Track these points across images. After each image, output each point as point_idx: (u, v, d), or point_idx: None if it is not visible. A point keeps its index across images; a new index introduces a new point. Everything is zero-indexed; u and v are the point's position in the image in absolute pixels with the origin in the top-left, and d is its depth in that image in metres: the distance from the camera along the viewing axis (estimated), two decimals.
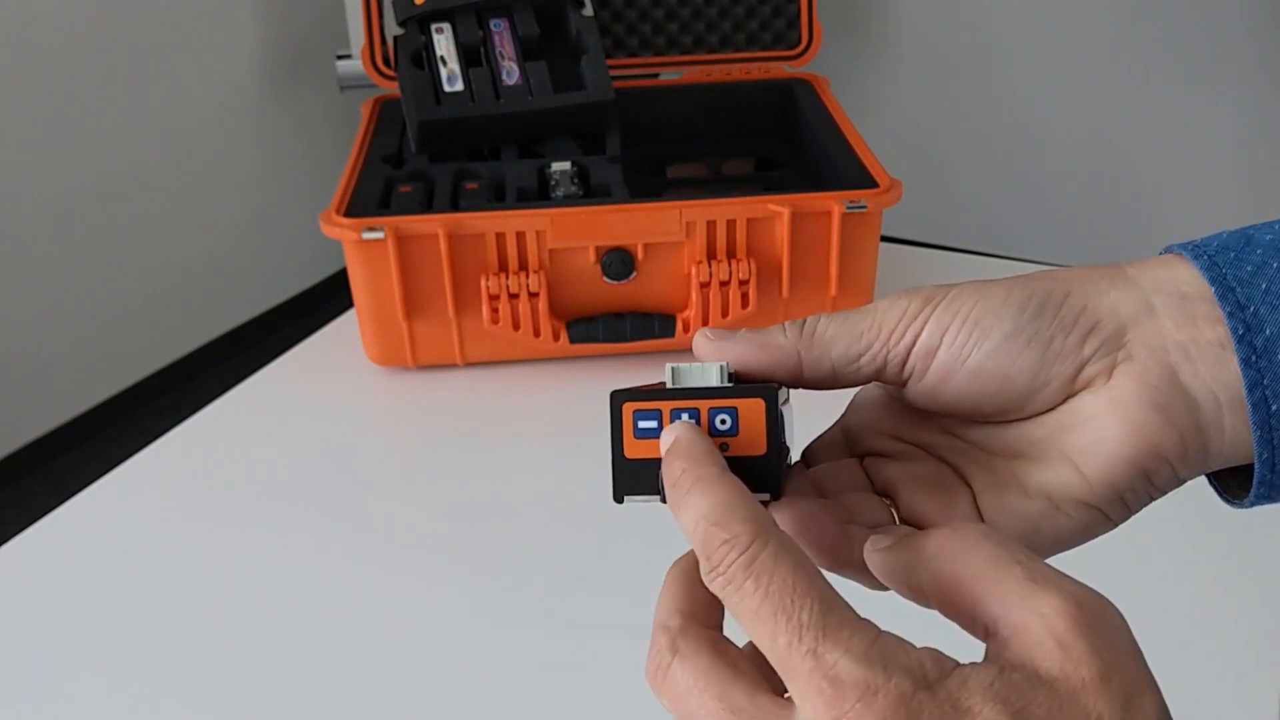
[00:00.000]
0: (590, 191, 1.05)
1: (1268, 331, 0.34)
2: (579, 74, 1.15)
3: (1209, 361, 0.35)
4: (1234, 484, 0.38)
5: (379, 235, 0.94)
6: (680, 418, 0.35)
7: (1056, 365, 0.36)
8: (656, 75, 1.38)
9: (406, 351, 1.01)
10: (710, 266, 0.98)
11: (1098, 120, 2.71)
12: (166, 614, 0.77)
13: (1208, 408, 0.35)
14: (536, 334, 0.99)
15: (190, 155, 2.40)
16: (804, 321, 0.38)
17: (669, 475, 0.34)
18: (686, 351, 0.38)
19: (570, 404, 0.98)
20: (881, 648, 0.29)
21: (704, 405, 0.35)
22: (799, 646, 0.29)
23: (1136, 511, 0.38)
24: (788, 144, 1.29)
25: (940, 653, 0.29)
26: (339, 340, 1.08)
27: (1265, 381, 0.34)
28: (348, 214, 0.98)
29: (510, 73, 1.13)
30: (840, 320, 0.38)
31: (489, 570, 0.81)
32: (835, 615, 0.29)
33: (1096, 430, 0.36)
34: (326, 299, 2.70)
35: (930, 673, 0.28)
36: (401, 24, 1.17)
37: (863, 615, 0.30)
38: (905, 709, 0.28)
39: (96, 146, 2.22)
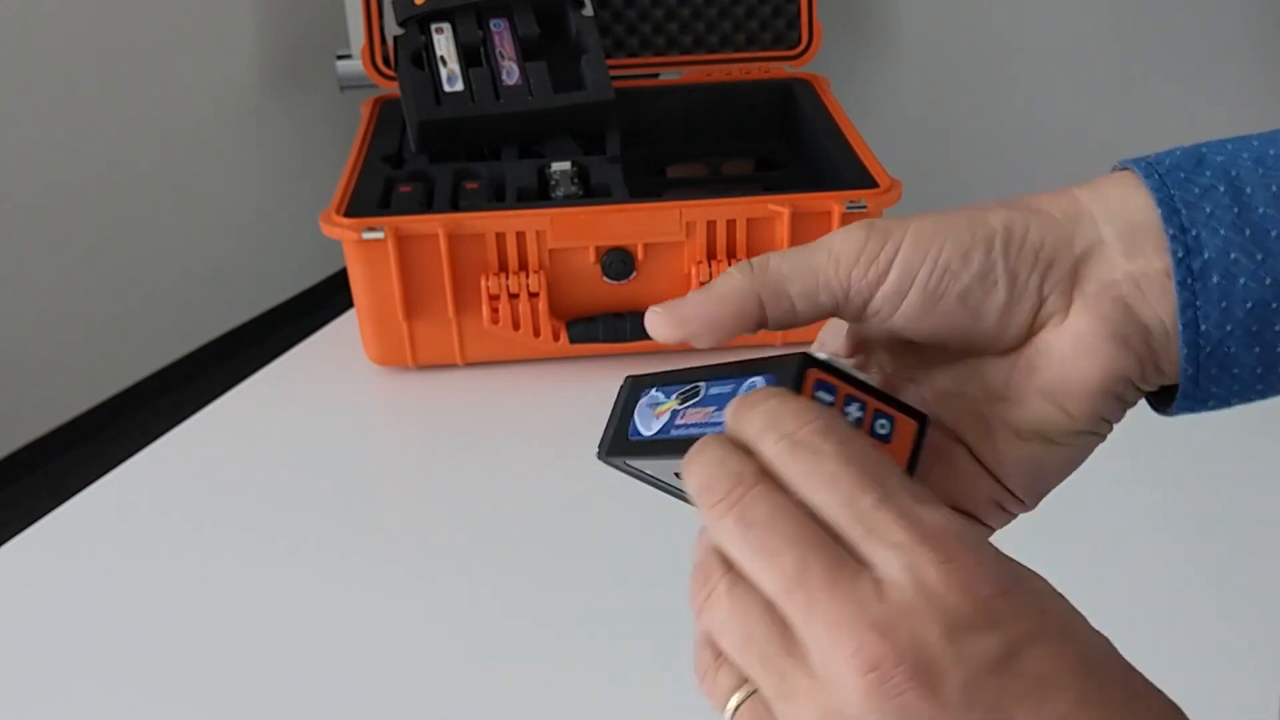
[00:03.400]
0: (590, 191, 1.05)
1: (1206, 255, 0.35)
2: (579, 74, 1.15)
3: (1157, 292, 0.36)
4: (1165, 394, 0.39)
5: (379, 235, 0.94)
6: (852, 405, 0.35)
7: (1021, 303, 0.37)
8: (656, 75, 1.38)
9: (406, 351, 1.01)
10: (710, 266, 0.98)
11: (1098, 120, 2.71)
12: (166, 614, 0.77)
13: (1158, 333, 0.36)
14: (536, 334, 0.99)
15: (190, 155, 2.40)
16: (752, 261, 0.38)
17: (741, 408, 0.34)
18: (687, 351, 0.38)
19: (570, 404, 0.98)
20: (953, 513, 0.31)
21: (872, 404, 0.35)
22: (888, 506, 0.30)
23: (1119, 420, 0.39)
24: (788, 144, 1.28)
25: None
26: (339, 340, 1.08)
27: (1198, 303, 0.35)
28: (348, 214, 0.98)
29: (510, 73, 1.13)
30: (792, 257, 0.37)
31: (489, 569, 0.81)
32: (921, 489, 0.31)
33: (1067, 369, 0.37)
34: (326, 299, 2.70)
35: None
36: (401, 24, 1.17)
37: None
38: (1002, 569, 0.30)
39: (96, 146, 2.22)
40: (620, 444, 0.39)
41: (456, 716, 0.70)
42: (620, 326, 0.99)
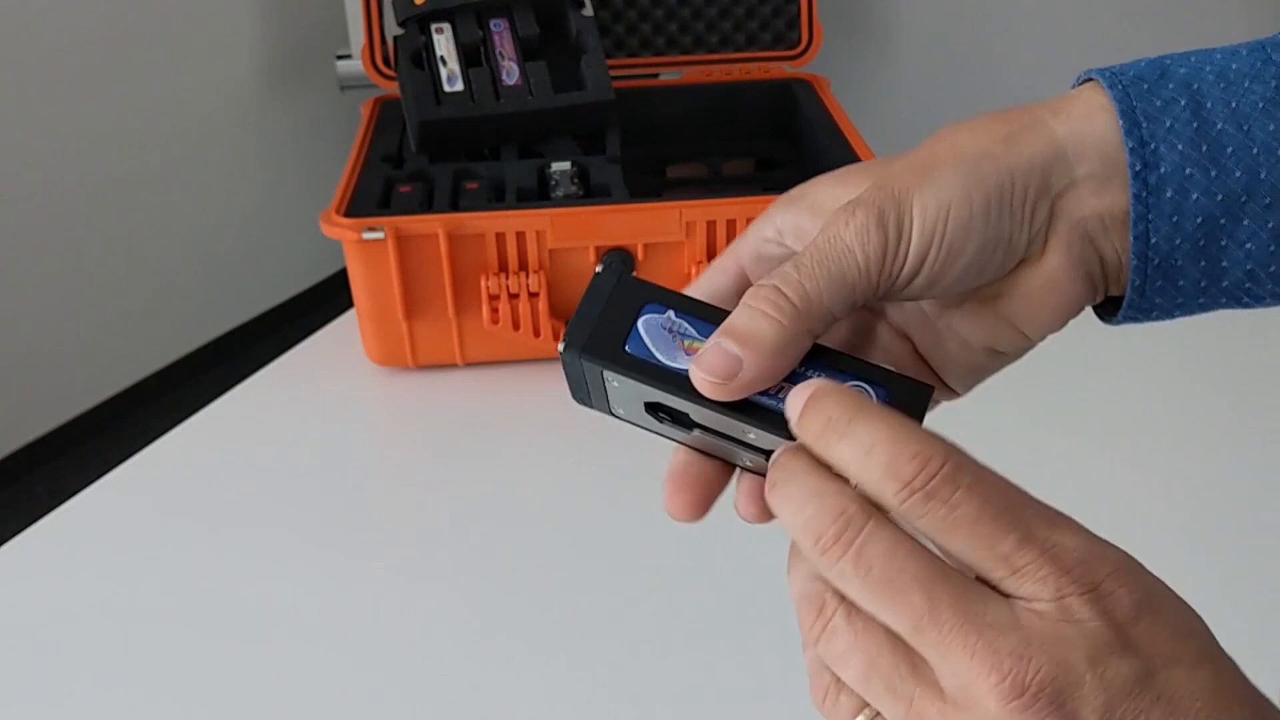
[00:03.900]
0: (590, 191, 1.05)
1: (1162, 169, 0.36)
2: (579, 74, 1.15)
3: (1119, 232, 0.37)
4: (1111, 304, 0.40)
5: (379, 235, 0.94)
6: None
7: (1012, 257, 0.38)
8: (656, 75, 1.38)
9: (406, 351, 1.01)
10: None
11: None
12: (166, 614, 0.77)
13: (1113, 262, 0.38)
14: (536, 334, 0.99)
15: (190, 155, 2.40)
16: (789, 296, 0.35)
17: (815, 420, 0.33)
18: None
19: (570, 404, 0.98)
20: (1085, 530, 0.31)
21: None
22: (1030, 543, 0.30)
23: None
24: (788, 144, 1.28)
25: None
26: (339, 340, 1.08)
27: (1150, 216, 0.36)
28: (348, 214, 0.98)
29: (510, 73, 1.13)
30: (824, 276, 0.35)
31: (489, 570, 0.81)
32: (1049, 510, 0.31)
33: (1035, 302, 0.38)
34: (326, 299, 2.70)
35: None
36: (401, 24, 1.17)
37: None
38: (1136, 567, 0.30)
39: (97, 146, 2.22)
40: (608, 350, 0.36)
41: (456, 716, 0.70)
42: None
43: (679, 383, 0.35)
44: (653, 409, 0.37)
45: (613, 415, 0.39)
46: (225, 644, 0.75)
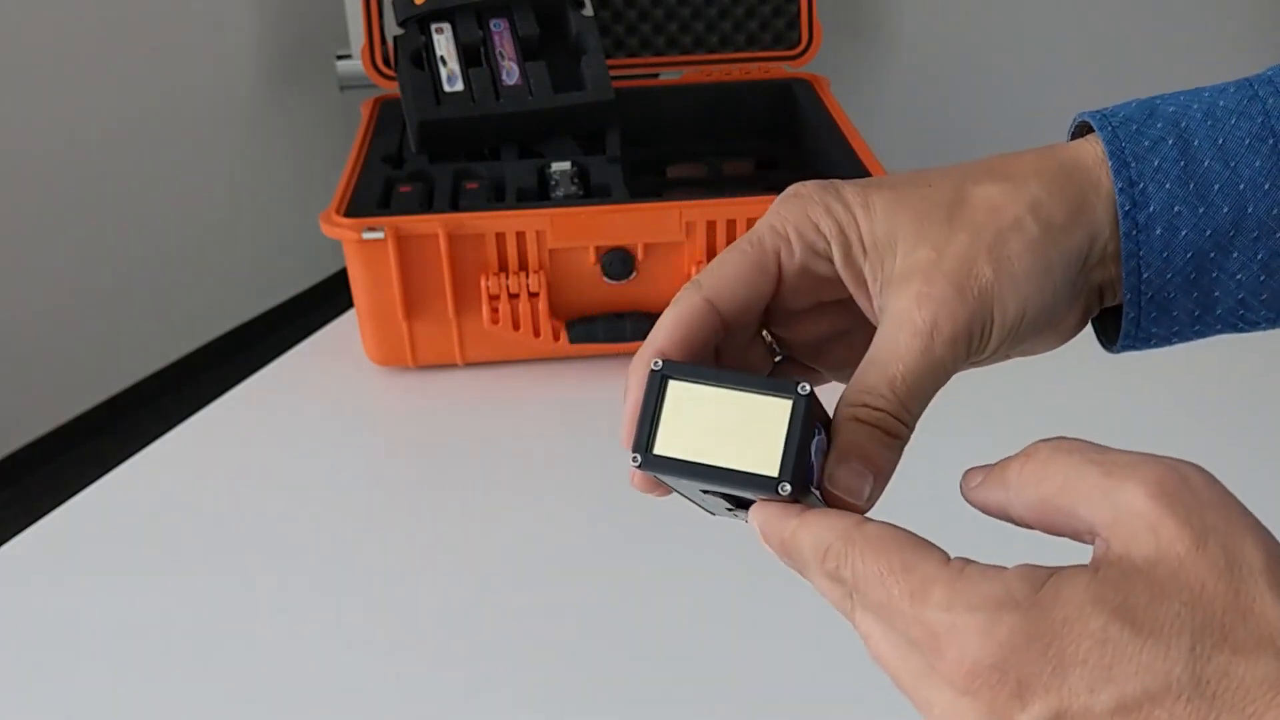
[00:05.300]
0: (590, 191, 1.05)
1: (1151, 208, 0.37)
2: (579, 74, 1.15)
3: (1121, 277, 0.39)
4: (1113, 331, 0.41)
5: (379, 235, 0.94)
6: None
7: (1049, 322, 0.39)
8: (656, 75, 1.38)
9: (406, 351, 1.01)
10: None
11: None
12: (166, 614, 0.77)
13: (1109, 300, 0.40)
14: (536, 334, 0.99)
15: (190, 155, 2.40)
16: (904, 425, 0.36)
17: (773, 548, 0.35)
18: None
19: (570, 404, 0.98)
20: (962, 587, 0.30)
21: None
22: (910, 620, 0.31)
23: None
24: (788, 144, 1.28)
25: (1035, 568, 0.30)
26: (339, 340, 1.08)
27: (1141, 253, 0.37)
28: (348, 214, 0.98)
29: (510, 73, 1.13)
30: (926, 395, 0.36)
31: (489, 570, 0.81)
32: (915, 578, 0.31)
33: (1038, 348, 0.40)
34: (326, 299, 2.70)
35: (1017, 592, 0.29)
36: (401, 24, 1.17)
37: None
38: (992, 638, 0.29)
39: (96, 146, 2.22)
40: (805, 482, 0.35)
41: (454, 715, 0.70)
42: (620, 326, 0.99)
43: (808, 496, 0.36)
44: (711, 492, 0.37)
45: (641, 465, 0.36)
46: (225, 644, 0.75)
